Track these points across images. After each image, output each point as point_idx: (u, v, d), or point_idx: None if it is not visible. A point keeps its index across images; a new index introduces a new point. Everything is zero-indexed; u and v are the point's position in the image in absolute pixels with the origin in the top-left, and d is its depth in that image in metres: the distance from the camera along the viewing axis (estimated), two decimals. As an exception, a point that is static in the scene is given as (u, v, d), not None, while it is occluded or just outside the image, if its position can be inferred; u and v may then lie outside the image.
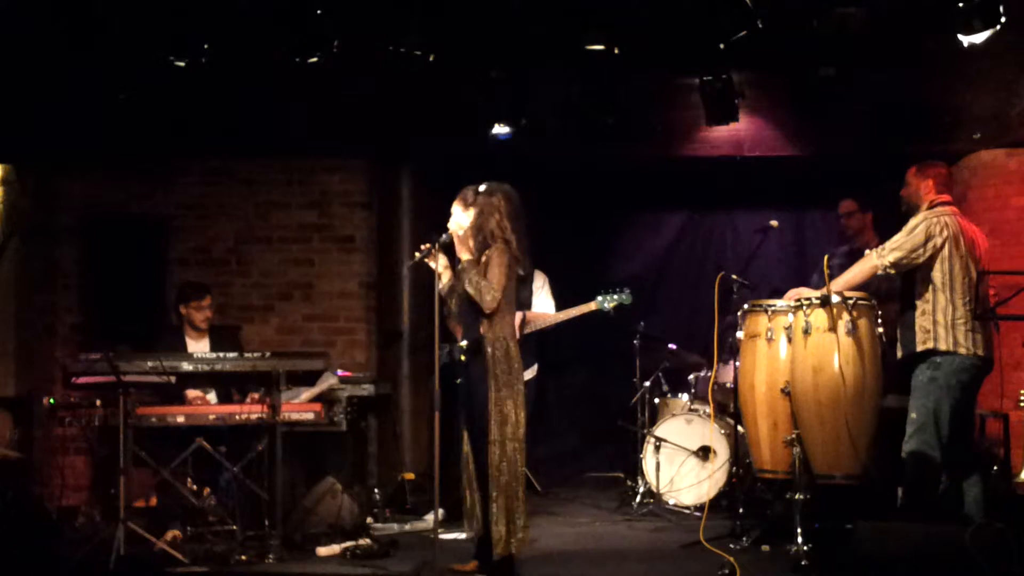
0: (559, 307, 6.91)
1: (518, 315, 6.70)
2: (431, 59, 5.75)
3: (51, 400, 5.66)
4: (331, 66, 5.78)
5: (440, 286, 5.24)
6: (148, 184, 7.61)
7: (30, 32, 5.83)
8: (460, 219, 5.25)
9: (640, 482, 7.08)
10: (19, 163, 7.25)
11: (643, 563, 5.55)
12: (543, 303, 6.90)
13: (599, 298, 6.71)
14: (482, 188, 5.21)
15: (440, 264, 5.22)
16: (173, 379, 5.79)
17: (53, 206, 7.57)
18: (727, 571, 5.01)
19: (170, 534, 5.91)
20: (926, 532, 4.82)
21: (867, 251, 5.66)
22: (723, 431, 6.88)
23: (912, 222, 5.40)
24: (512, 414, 5.04)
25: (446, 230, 5.25)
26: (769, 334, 5.64)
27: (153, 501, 6.28)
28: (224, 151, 7.46)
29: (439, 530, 5.32)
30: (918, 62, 6.27)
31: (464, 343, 5.15)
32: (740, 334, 5.85)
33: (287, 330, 7.53)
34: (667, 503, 6.90)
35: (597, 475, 8.25)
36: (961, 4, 5.23)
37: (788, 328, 5.55)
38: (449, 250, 5.25)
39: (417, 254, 5.24)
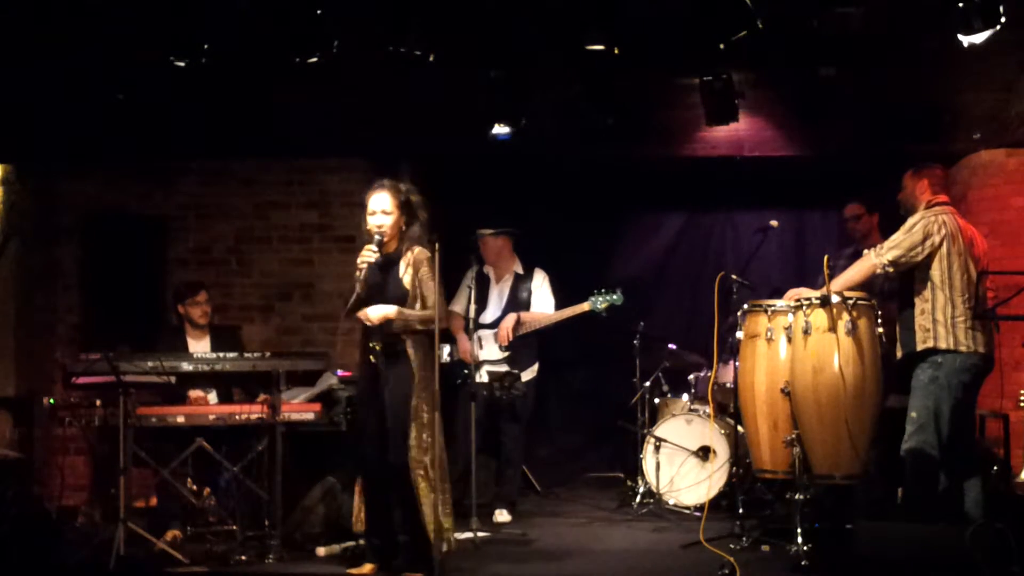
0: (559, 308, 6.92)
1: (512, 316, 6.71)
2: (431, 59, 5.75)
3: (51, 400, 5.66)
4: (331, 66, 5.78)
5: (362, 278, 5.15)
6: (148, 184, 7.61)
7: (30, 32, 5.82)
8: (393, 218, 5.15)
9: (640, 482, 7.08)
10: (19, 163, 7.25)
11: (643, 563, 5.55)
12: (543, 300, 6.90)
13: (592, 299, 6.72)
14: (404, 187, 5.21)
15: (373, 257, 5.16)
16: (173, 379, 5.80)
17: (53, 206, 7.58)
18: (727, 571, 5.01)
19: (170, 534, 5.91)
20: (926, 532, 4.83)
21: (866, 251, 5.67)
22: (723, 431, 6.89)
23: (910, 221, 5.41)
24: (426, 415, 5.08)
25: (379, 231, 5.14)
26: (769, 334, 5.64)
27: (153, 501, 6.28)
28: (224, 151, 7.46)
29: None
30: (918, 62, 6.27)
31: (379, 345, 5.12)
32: (740, 334, 5.85)
33: (287, 330, 7.54)
34: (667, 503, 6.90)
35: (597, 475, 8.25)
36: (961, 4, 5.23)
37: (788, 328, 5.55)
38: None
39: (360, 271, 5.09)
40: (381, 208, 5.17)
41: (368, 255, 5.10)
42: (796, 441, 5.46)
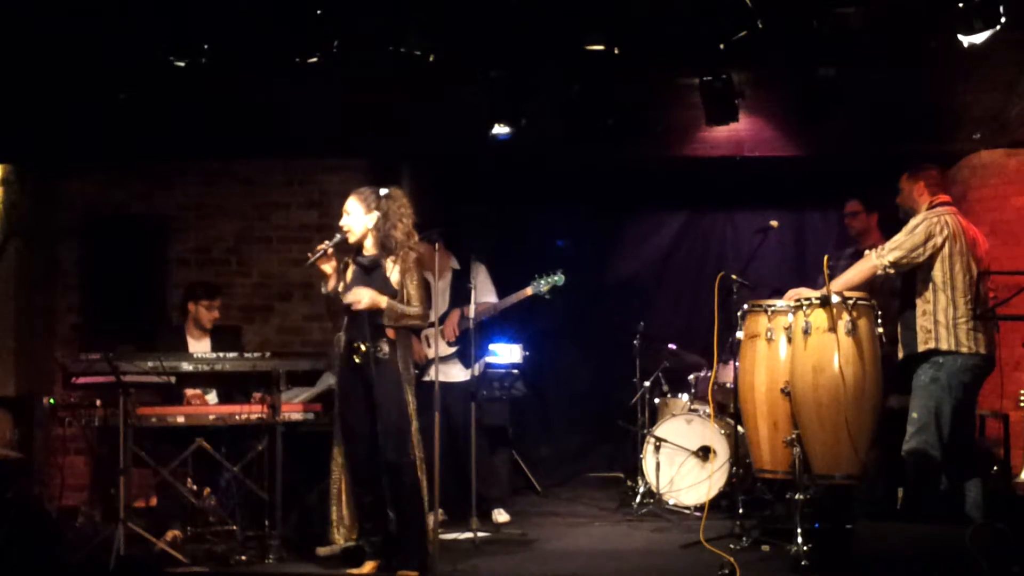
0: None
1: (455, 312, 6.71)
2: (431, 59, 5.74)
3: (51, 400, 5.67)
4: (331, 66, 5.78)
5: (327, 288, 5.28)
6: (148, 184, 7.62)
7: (30, 32, 5.82)
8: (358, 221, 5.27)
9: (640, 482, 7.08)
10: (19, 163, 7.25)
11: (643, 563, 5.55)
12: (483, 290, 6.83)
13: (533, 282, 6.63)
14: (383, 192, 5.28)
15: (329, 266, 5.27)
16: (173, 379, 5.80)
17: (53, 206, 7.58)
18: (727, 571, 5.01)
19: (170, 534, 5.91)
20: (926, 532, 4.82)
21: (867, 251, 5.67)
22: (723, 431, 6.89)
23: (912, 222, 5.41)
24: (414, 413, 5.18)
25: (339, 230, 5.27)
26: (769, 334, 5.64)
27: (153, 501, 6.28)
28: (224, 151, 7.46)
29: (439, 530, 5.33)
30: (918, 62, 6.26)
31: (364, 345, 5.14)
32: (740, 334, 5.85)
33: (287, 330, 7.54)
34: (667, 503, 6.90)
35: (597, 475, 8.26)
36: (961, 4, 5.22)
37: (788, 328, 5.55)
38: (341, 250, 5.30)
39: (311, 255, 5.23)
40: (345, 209, 5.31)
41: (324, 245, 5.21)
42: (796, 441, 5.46)
